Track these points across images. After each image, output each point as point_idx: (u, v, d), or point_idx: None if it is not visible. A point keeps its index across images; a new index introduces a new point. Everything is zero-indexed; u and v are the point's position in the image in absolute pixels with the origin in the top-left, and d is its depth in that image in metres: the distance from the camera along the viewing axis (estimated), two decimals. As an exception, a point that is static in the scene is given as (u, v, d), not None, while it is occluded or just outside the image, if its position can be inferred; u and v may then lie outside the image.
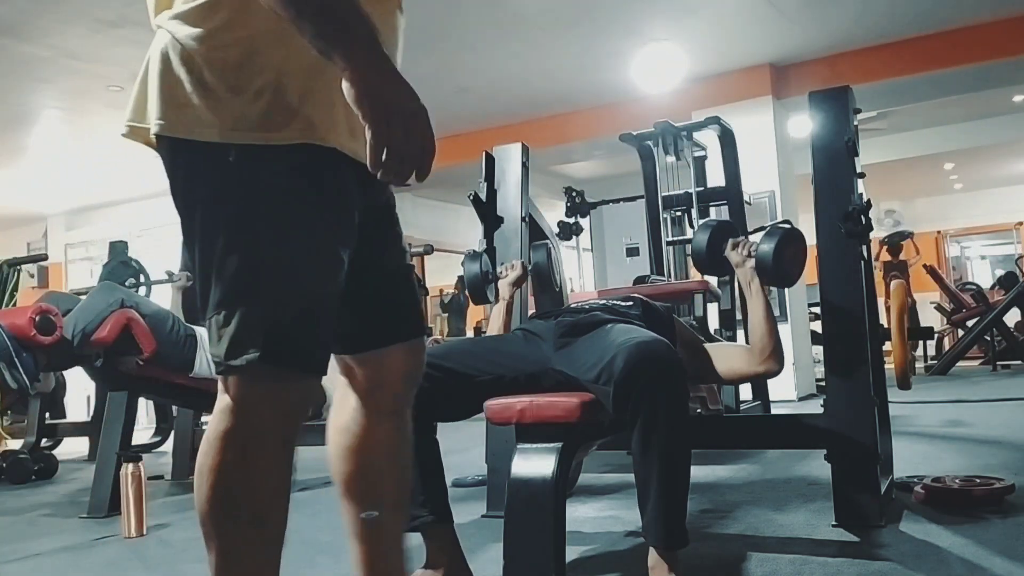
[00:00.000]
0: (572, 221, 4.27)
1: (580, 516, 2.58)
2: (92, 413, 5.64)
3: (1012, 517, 2.21)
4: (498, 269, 2.66)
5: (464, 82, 6.36)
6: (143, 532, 2.78)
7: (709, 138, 4.41)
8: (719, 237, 2.28)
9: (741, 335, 2.69)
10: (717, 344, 2.32)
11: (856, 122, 2.46)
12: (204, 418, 4.48)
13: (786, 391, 5.91)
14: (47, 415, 5.25)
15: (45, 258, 6.27)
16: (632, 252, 6.76)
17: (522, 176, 2.87)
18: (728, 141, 4.08)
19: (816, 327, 6.68)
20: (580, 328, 1.99)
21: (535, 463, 1.79)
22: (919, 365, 9.14)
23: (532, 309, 2.98)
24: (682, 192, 4.13)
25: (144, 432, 5.73)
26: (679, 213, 4.26)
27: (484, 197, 2.85)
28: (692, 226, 4.09)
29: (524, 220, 2.85)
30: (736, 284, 3.43)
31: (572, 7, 5.21)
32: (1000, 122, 8.99)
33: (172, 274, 4.81)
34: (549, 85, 6.56)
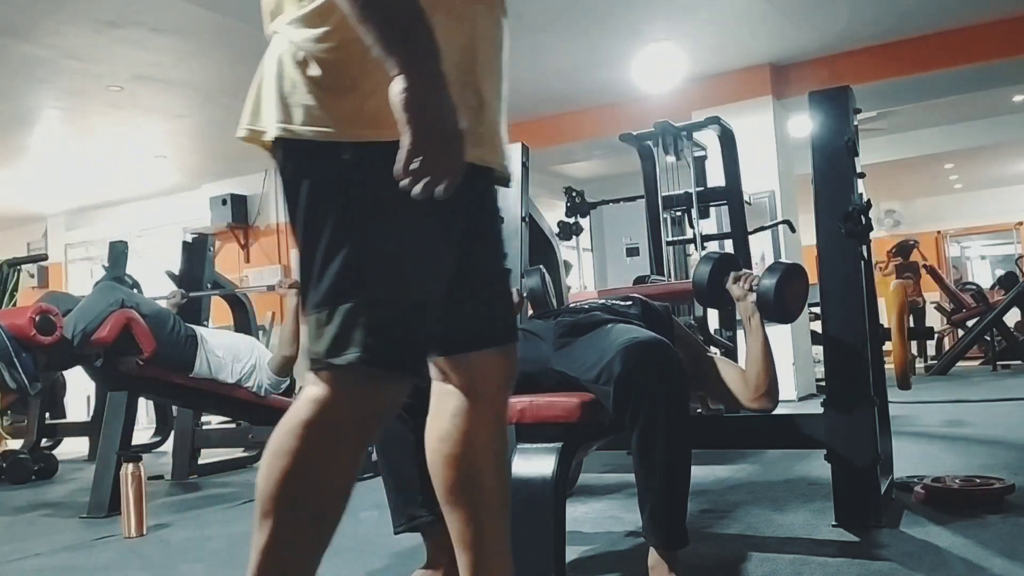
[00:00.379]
0: (572, 221, 4.27)
1: (580, 516, 2.58)
2: (92, 413, 5.64)
3: (1012, 517, 2.21)
4: None
5: (464, 82, 6.32)
6: (143, 532, 2.79)
7: (709, 138, 4.41)
8: (721, 270, 2.26)
9: (741, 335, 2.69)
10: (721, 359, 2.31)
11: (856, 122, 2.46)
12: (204, 418, 4.48)
13: (786, 391, 5.88)
14: (47, 415, 5.26)
15: (45, 258, 6.27)
16: (632, 252, 6.75)
17: (522, 176, 2.87)
18: (728, 141, 4.08)
19: (816, 327, 6.68)
20: (579, 328, 1.99)
21: (535, 463, 1.79)
22: (919, 365, 9.15)
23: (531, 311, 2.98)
24: (682, 192, 4.12)
25: (144, 432, 5.73)
26: (679, 213, 4.26)
27: (484, 197, 2.84)
28: (692, 226, 4.09)
29: (524, 220, 2.85)
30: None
31: (572, 7, 5.20)
32: (1000, 122, 8.99)
33: (171, 274, 4.82)
34: (549, 85, 6.56)
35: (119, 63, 5.39)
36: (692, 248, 4.25)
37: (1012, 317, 8.93)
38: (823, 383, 2.43)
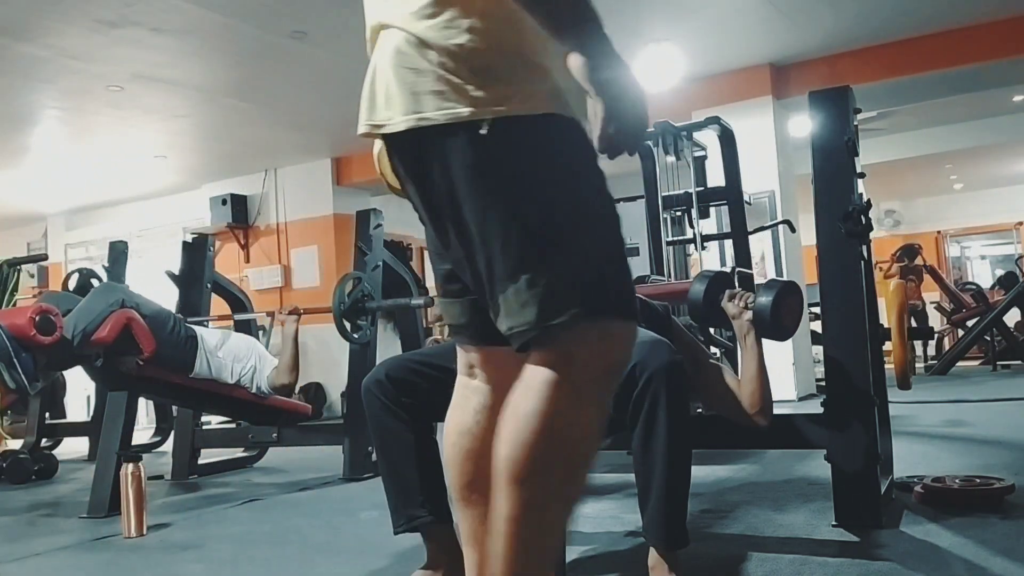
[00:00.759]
0: (572, 221, 4.26)
1: (580, 516, 2.58)
2: (92, 413, 5.63)
3: (1012, 517, 2.21)
4: None
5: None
6: (143, 532, 2.79)
7: (709, 138, 4.41)
8: (716, 288, 2.26)
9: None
10: (722, 367, 2.31)
11: (856, 122, 2.46)
12: (204, 418, 4.49)
13: (786, 391, 5.91)
14: (47, 415, 5.26)
15: (45, 258, 6.27)
16: (632, 252, 6.75)
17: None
18: (728, 141, 4.08)
19: (816, 327, 6.68)
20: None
21: (535, 463, 1.78)
22: (919, 365, 9.15)
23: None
24: (682, 192, 4.12)
25: (144, 432, 5.73)
26: (679, 213, 4.26)
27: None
28: (692, 226, 4.09)
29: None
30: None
31: (572, 7, 5.19)
32: (1000, 122, 8.99)
33: (171, 274, 4.82)
34: (549, 85, 6.56)
35: (119, 63, 5.39)
36: (692, 248, 4.25)
37: (1012, 317, 8.93)
38: (823, 383, 2.43)
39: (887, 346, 2.62)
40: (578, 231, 1.11)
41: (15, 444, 5.12)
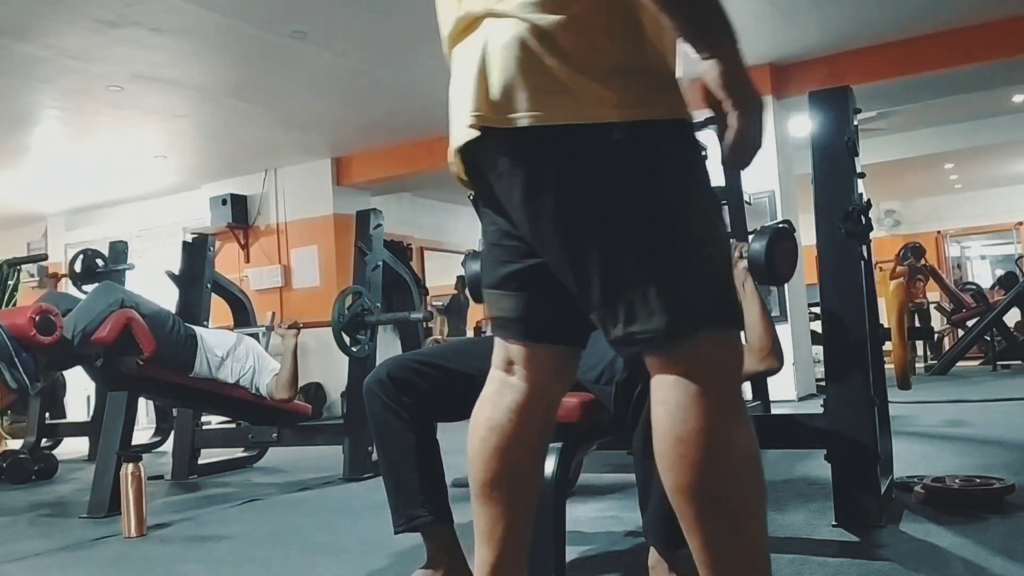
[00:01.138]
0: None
1: (580, 516, 2.58)
2: (92, 413, 5.64)
3: (1012, 517, 2.21)
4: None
5: (464, 82, 6.32)
6: (143, 532, 2.79)
7: (709, 138, 4.41)
8: None
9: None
10: None
11: (856, 122, 2.46)
12: (204, 418, 4.49)
13: (786, 391, 5.90)
14: (47, 415, 5.26)
15: (45, 258, 6.27)
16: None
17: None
18: (728, 141, 4.08)
19: (816, 327, 6.68)
20: (580, 328, 1.99)
21: (535, 463, 1.78)
22: (919, 365, 9.15)
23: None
24: (682, 192, 4.12)
25: (144, 432, 5.73)
26: (679, 213, 4.25)
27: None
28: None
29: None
30: None
31: (572, 7, 5.19)
32: (1000, 122, 8.99)
33: (171, 274, 4.82)
34: (549, 85, 6.55)
35: (119, 63, 5.39)
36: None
37: (1012, 317, 8.92)
38: (823, 383, 2.43)
39: (887, 346, 2.62)
40: (707, 240, 1.11)
41: (15, 444, 5.13)
